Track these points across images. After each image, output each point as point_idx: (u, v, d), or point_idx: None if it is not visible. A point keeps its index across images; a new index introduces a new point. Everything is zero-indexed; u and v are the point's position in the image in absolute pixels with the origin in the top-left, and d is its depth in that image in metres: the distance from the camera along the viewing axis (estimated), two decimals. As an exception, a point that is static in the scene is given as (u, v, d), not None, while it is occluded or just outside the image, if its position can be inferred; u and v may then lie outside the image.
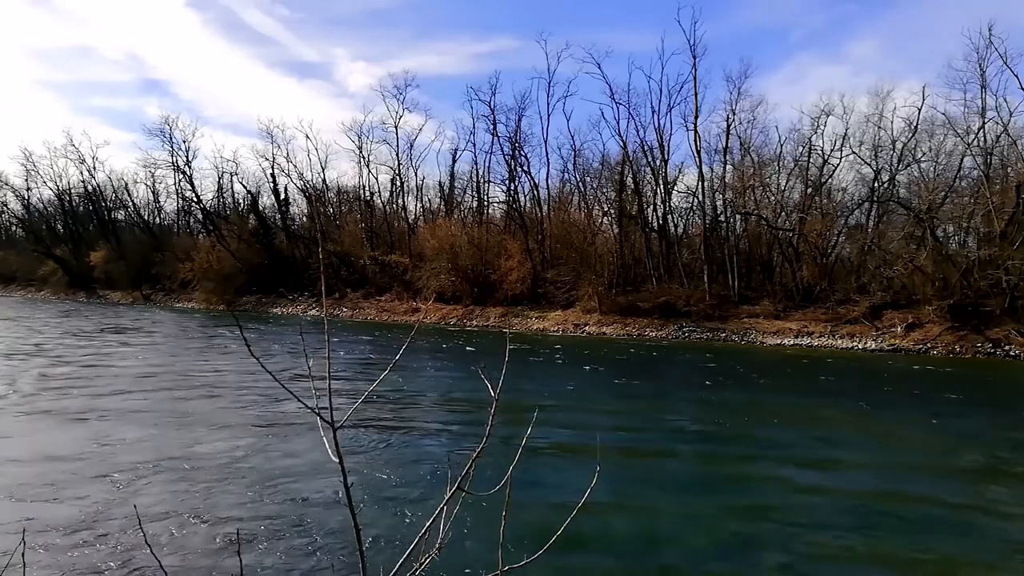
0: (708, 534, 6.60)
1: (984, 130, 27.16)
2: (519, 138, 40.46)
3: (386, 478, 7.90)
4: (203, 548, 5.75)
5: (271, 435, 9.77)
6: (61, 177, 60.66)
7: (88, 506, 6.65)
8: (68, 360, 17.25)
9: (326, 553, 5.73)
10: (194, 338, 25.12)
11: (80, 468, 7.88)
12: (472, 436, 10.00)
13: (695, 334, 28.38)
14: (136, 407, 11.52)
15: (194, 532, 6.08)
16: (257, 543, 5.87)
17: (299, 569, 5.44)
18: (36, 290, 58.91)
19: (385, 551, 5.73)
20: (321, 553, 5.73)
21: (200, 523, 6.29)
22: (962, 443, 10.85)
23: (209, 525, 6.25)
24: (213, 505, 6.78)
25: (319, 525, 6.31)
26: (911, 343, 24.07)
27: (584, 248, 36.06)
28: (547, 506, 6.95)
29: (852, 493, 7.95)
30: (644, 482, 8.30)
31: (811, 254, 30.17)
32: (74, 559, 5.46)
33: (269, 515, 6.55)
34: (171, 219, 61.65)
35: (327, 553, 5.73)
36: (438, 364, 19.23)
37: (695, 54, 33.25)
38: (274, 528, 6.24)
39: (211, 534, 6.05)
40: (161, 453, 8.64)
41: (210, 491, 7.21)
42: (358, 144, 46.45)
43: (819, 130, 31.84)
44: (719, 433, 11.48)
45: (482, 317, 34.60)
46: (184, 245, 51.65)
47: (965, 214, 26.36)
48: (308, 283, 45.14)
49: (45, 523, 6.16)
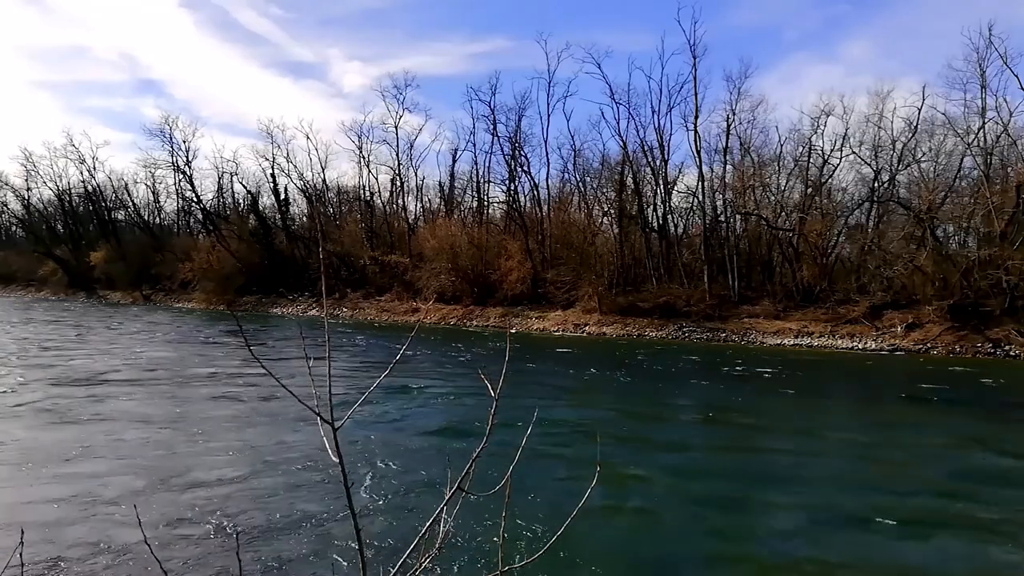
0: (708, 534, 6.60)
1: (984, 130, 27.17)
2: (519, 138, 40.52)
3: (386, 478, 7.89)
4: (203, 548, 5.74)
5: (271, 435, 9.76)
6: (61, 177, 60.61)
7: (87, 506, 6.65)
8: (67, 360, 17.24)
9: (326, 553, 5.72)
10: (194, 338, 25.11)
11: (79, 468, 7.88)
12: (472, 436, 10.00)
13: (695, 334, 28.37)
14: (135, 407, 11.51)
15: (194, 532, 6.08)
16: (257, 543, 5.86)
17: (299, 569, 5.43)
18: (36, 290, 58.89)
19: (385, 551, 5.73)
20: (321, 553, 5.72)
21: (200, 523, 6.28)
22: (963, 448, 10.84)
23: (209, 525, 6.24)
24: (213, 505, 6.77)
25: (319, 525, 6.31)
26: (911, 343, 24.06)
27: (584, 248, 36.05)
28: (547, 506, 6.95)
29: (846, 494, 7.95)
30: (644, 482, 8.29)
31: (811, 254, 30.15)
32: (74, 559, 5.45)
33: (269, 515, 6.55)
34: (171, 219, 61.75)
35: (327, 553, 5.72)
36: (438, 364, 19.22)
37: (695, 54, 33.28)
38: (274, 528, 6.23)
39: (211, 534, 6.04)
40: (160, 453, 8.64)
41: (209, 491, 7.20)
42: (358, 144, 46.55)
43: (819, 130, 31.88)
44: (719, 434, 11.48)
45: (482, 317, 34.58)
46: (184, 245, 51.64)
47: (965, 214, 26.34)
48: (308, 283, 45.12)
49: (44, 523, 6.15)
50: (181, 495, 7.05)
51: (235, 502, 6.91)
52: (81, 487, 7.20)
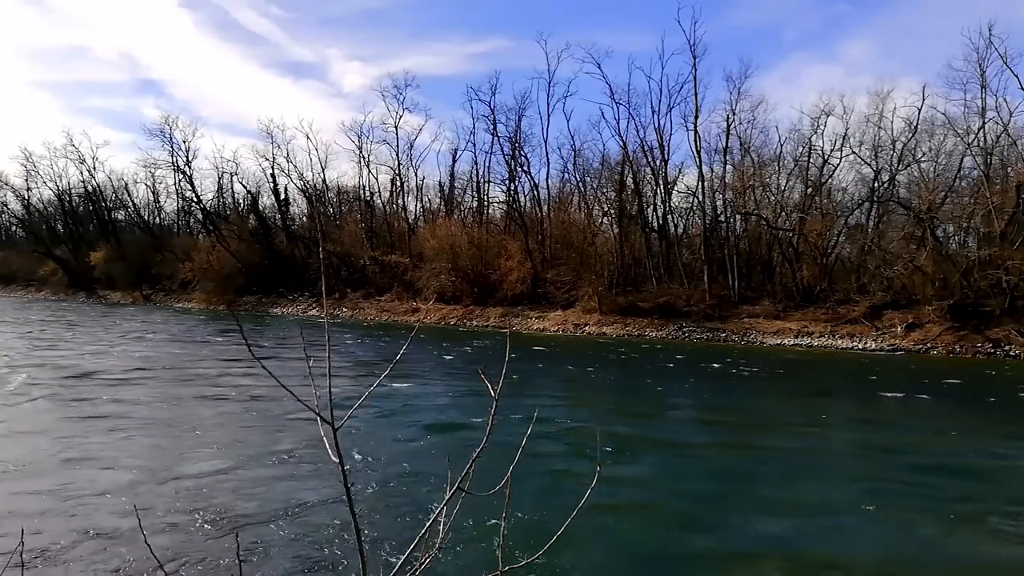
0: (708, 534, 6.60)
1: (984, 130, 27.19)
2: (519, 138, 40.53)
3: (386, 478, 7.89)
4: (203, 548, 5.74)
5: (271, 435, 9.75)
6: (61, 177, 60.61)
7: (86, 506, 6.64)
8: (67, 359, 17.24)
9: (326, 553, 5.72)
10: (194, 338, 25.11)
11: (78, 468, 7.87)
12: (472, 436, 10.00)
13: (695, 334, 28.38)
14: (135, 407, 11.51)
15: (194, 532, 6.08)
16: (257, 543, 5.86)
17: (299, 569, 5.43)
18: (36, 290, 58.90)
19: (385, 551, 5.73)
20: (321, 553, 5.72)
21: (199, 523, 6.28)
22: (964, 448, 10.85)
23: (209, 525, 6.24)
24: (212, 505, 6.77)
25: (319, 525, 6.31)
26: (911, 343, 24.06)
27: (584, 248, 36.06)
28: (547, 506, 6.95)
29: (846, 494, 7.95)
30: (644, 481, 8.29)
31: (811, 254, 30.16)
32: (73, 559, 5.45)
33: (269, 515, 6.54)
34: (171, 219, 61.76)
35: (327, 553, 5.72)
36: (438, 364, 19.22)
37: (695, 54, 33.31)
38: (274, 528, 6.23)
39: (211, 534, 6.04)
40: (160, 453, 8.64)
41: (209, 491, 7.20)
42: (358, 144, 46.55)
43: (819, 130, 31.91)
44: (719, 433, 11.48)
45: (482, 317, 34.59)
46: (184, 245, 51.64)
47: (965, 214, 26.35)
48: (308, 283, 45.13)
49: (44, 523, 6.15)
50: (180, 495, 7.05)
51: (234, 502, 6.91)
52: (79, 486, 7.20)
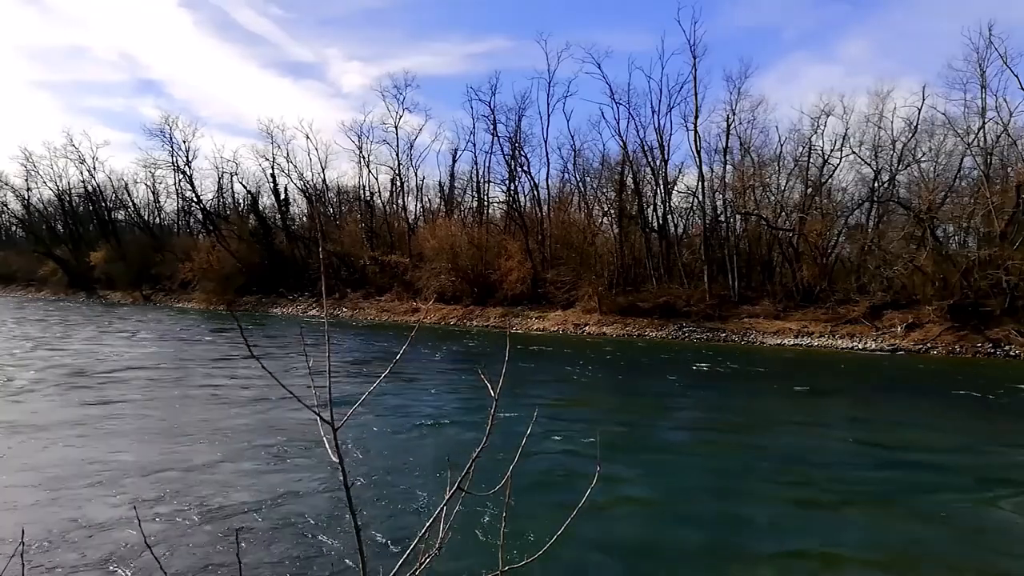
0: (708, 533, 6.60)
1: (984, 130, 27.17)
2: (519, 138, 40.51)
3: (386, 478, 7.89)
4: (203, 548, 5.74)
5: (270, 435, 9.75)
6: (61, 177, 60.55)
7: (86, 506, 6.64)
8: (66, 359, 17.24)
9: (326, 553, 5.72)
10: (194, 338, 25.11)
11: (78, 468, 7.87)
12: (472, 436, 10.00)
13: (695, 334, 28.37)
14: (135, 407, 11.51)
15: (194, 532, 6.08)
16: (257, 543, 5.86)
17: (299, 569, 5.43)
18: (36, 290, 58.86)
19: (385, 551, 5.73)
20: (321, 553, 5.72)
21: (200, 523, 6.28)
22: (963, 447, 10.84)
23: (209, 525, 6.24)
24: (212, 505, 6.77)
25: (319, 525, 6.31)
26: (911, 343, 24.05)
27: (584, 248, 36.05)
28: (547, 506, 6.95)
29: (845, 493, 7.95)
30: (645, 482, 8.29)
31: (811, 254, 30.15)
32: (73, 559, 5.45)
33: (269, 515, 6.54)
34: (171, 219, 61.74)
35: (327, 553, 5.72)
36: (438, 364, 19.22)
37: (695, 54, 33.27)
38: (274, 528, 6.23)
39: (211, 534, 6.04)
40: (160, 453, 8.64)
41: (209, 491, 7.20)
42: (358, 144, 46.55)
43: (819, 130, 31.86)
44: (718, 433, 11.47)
45: (482, 317, 34.58)
46: (184, 245, 51.62)
47: (965, 214, 26.34)
48: (308, 283, 45.12)
49: (44, 524, 6.15)
50: (180, 495, 7.05)
51: (234, 502, 6.91)
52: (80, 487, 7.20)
